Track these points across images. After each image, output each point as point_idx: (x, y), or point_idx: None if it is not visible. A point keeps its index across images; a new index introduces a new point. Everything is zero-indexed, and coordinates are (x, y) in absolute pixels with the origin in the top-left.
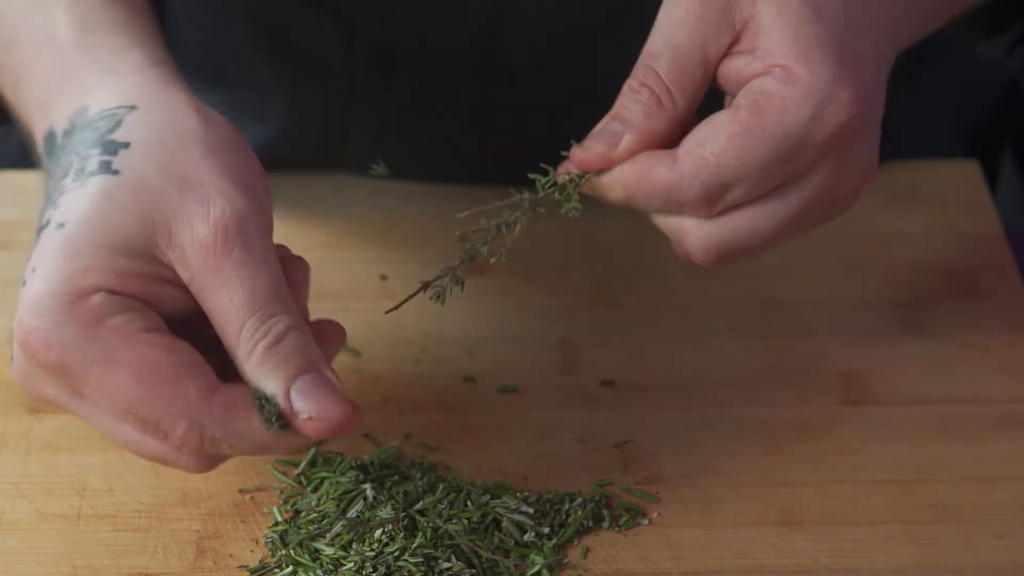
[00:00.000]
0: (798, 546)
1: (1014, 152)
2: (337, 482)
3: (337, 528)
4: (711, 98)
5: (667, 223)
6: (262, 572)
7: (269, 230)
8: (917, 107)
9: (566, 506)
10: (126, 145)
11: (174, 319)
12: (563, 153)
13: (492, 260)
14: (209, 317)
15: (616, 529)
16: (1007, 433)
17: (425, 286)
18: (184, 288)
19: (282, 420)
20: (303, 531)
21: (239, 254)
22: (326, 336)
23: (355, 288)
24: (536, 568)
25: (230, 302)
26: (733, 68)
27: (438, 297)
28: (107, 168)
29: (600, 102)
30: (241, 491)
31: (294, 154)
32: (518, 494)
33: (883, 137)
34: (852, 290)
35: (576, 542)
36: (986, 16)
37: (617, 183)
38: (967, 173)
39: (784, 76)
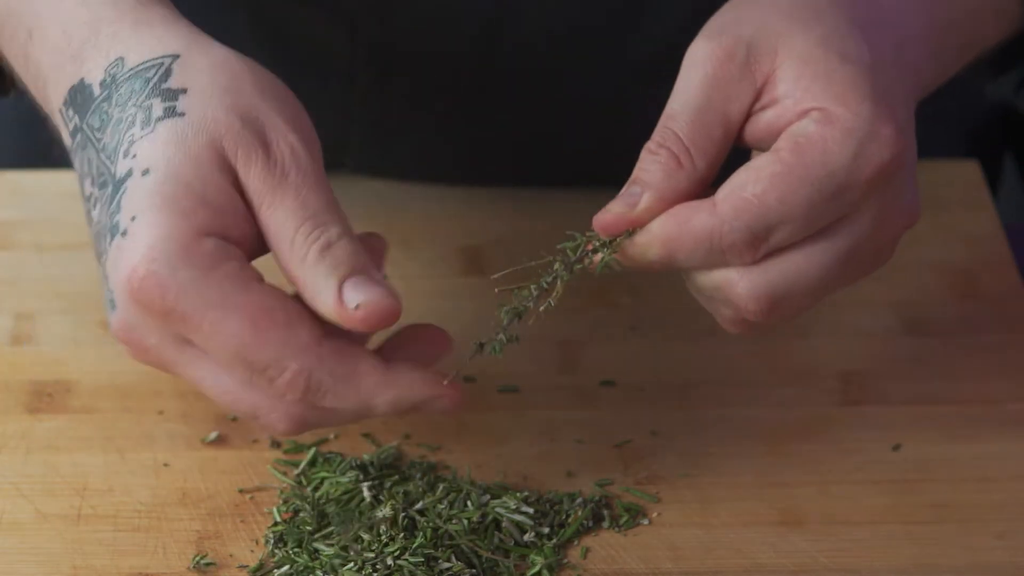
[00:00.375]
0: (798, 546)
1: (1015, 153)
2: (337, 482)
3: (337, 528)
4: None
5: (711, 279)
6: (262, 572)
7: (319, 160)
8: (918, 108)
9: (566, 506)
10: (184, 91)
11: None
12: (589, 233)
13: (538, 313)
14: (267, 239)
15: (616, 529)
16: (1007, 433)
17: (480, 347)
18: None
19: None
20: (303, 531)
21: (295, 177)
22: (373, 247)
23: None
24: (536, 568)
25: (284, 216)
26: (763, 123)
27: (494, 351)
28: (172, 112)
29: (601, 103)
30: (241, 491)
31: None
32: (518, 494)
33: None
34: (852, 290)
35: (576, 542)
36: (992, 56)
37: (655, 239)
38: (967, 173)
39: (822, 117)
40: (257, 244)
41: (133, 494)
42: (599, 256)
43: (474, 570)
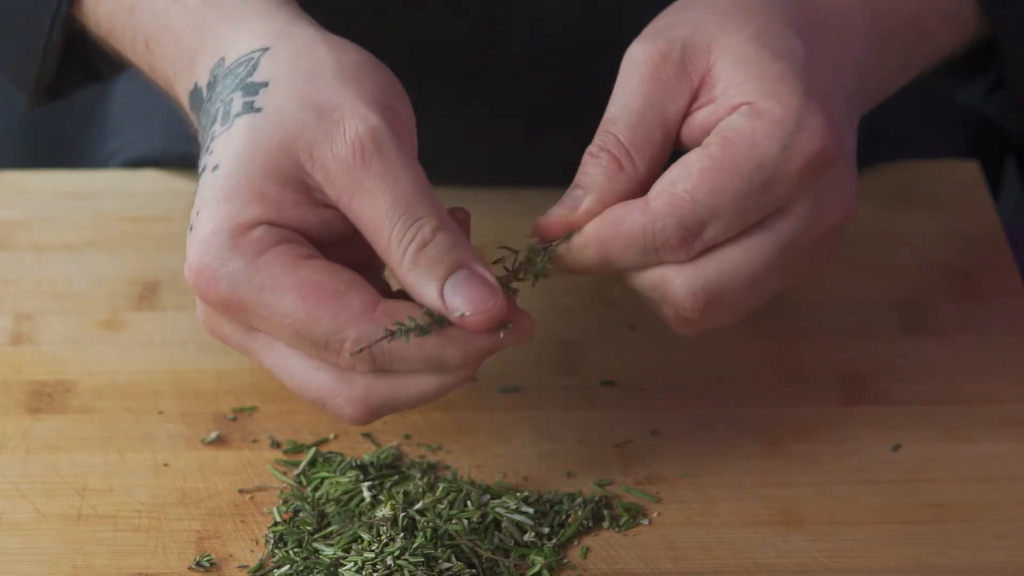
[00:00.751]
0: (798, 546)
1: (1016, 153)
2: (337, 482)
3: (337, 528)
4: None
5: (647, 278)
6: (262, 572)
7: (410, 138)
8: (918, 108)
9: (566, 506)
10: (265, 84)
11: (337, 244)
12: (528, 239)
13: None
14: (363, 233)
15: (616, 529)
16: (1007, 433)
17: None
18: (337, 209)
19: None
20: (303, 531)
21: (378, 166)
22: (460, 220)
23: None
24: (536, 568)
25: (375, 211)
26: (698, 122)
27: None
28: (250, 108)
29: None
30: (241, 491)
31: None
32: (518, 494)
33: (883, 137)
34: (852, 290)
35: (576, 542)
36: (961, 63)
37: (590, 240)
38: (967, 173)
39: (751, 111)
40: (336, 232)
41: (133, 494)
42: (539, 269)
43: (474, 570)
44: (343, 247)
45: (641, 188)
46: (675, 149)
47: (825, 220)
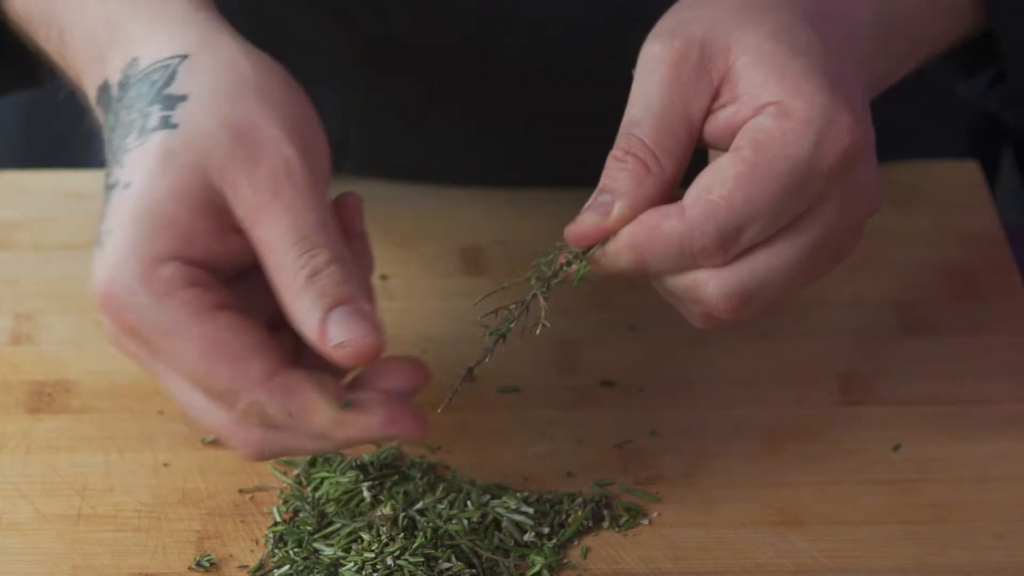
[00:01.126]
0: (798, 546)
1: (1014, 152)
2: (337, 482)
3: (337, 528)
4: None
5: (681, 281)
6: (262, 572)
7: (321, 171)
8: (917, 107)
9: (566, 506)
10: (183, 98)
11: (246, 273)
12: (557, 244)
13: (529, 333)
14: (259, 255)
15: (616, 529)
16: (1007, 433)
17: (469, 372)
18: (244, 235)
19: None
20: (303, 531)
21: (287, 195)
22: (348, 204)
23: None
24: (536, 568)
25: (275, 235)
26: (721, 121)
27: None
28: (166, 123)
29: (602, 99)
30: (241, 491)
31: None
32: (518, 494)
33: (883, 137)
34: (852, 290)
35: (576, 542)
36: (962, 56)
37: (626, 247)
38: (967, 173)
39: (779, 111)
40: (243, 260)
41: (133, 494)
42: (574, 268)
43: (474, 570)
44: (258, 291)
45: (668, 189)
46: (698, 147)
47: (853, 215)
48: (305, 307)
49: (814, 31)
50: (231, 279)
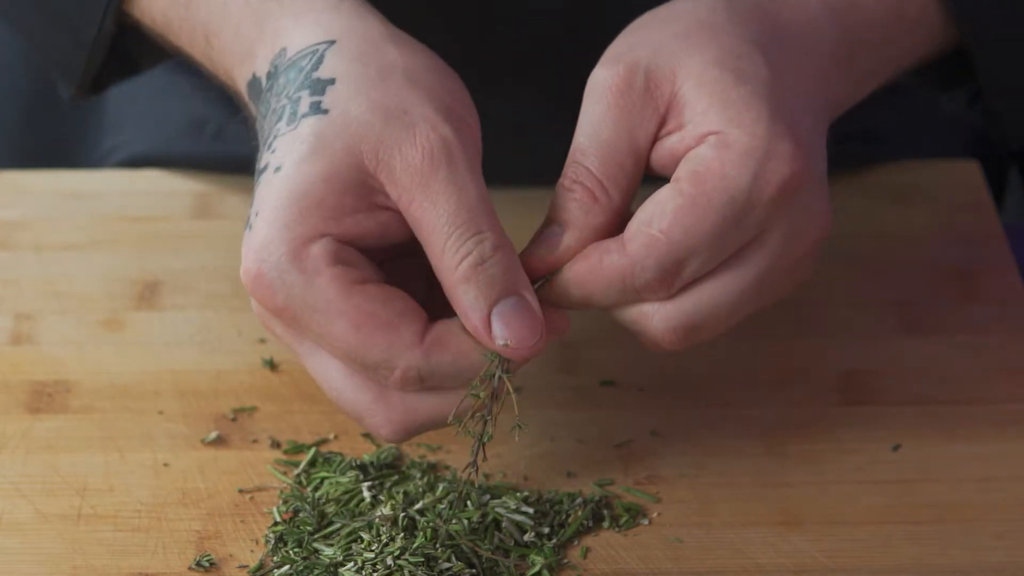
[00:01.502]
0: (798, 546)
1: (1018, 154)
2: (337, 482)
3: (337, 528)
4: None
5: (628, 314)
6: (262, 572)
7: (476, 152)
8: (919, 109)
9: (566, 506)
10: (332, 81)
11: (398, 250)
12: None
13: (512, 429)
14: (417, 234)
15: (616, 529)
16: (1007, 433)
17: (461, 481)
18: (399, 213)
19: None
20: (303, 531)
21: (446, 172)
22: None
23: None
24: (536, 568)
25: (436, 215)
26: (666, 149)
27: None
28: (317, 108)
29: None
30: (241, 491)
31: None
32: (518, 494)
33: (883, 137)
34: (852, 290)
35: (576, 542)
36: (938, 72)
37: (570, 283)
38: (967, 173)
39: (719, 142)
40: (397, 238)
41: (133, 494)
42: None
43: (474, 570)
44: (408, 272)
45: (616, 217)
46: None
47: (801, 244)
48: (471, 298)
49: (763, 55)
50: (383, 262)
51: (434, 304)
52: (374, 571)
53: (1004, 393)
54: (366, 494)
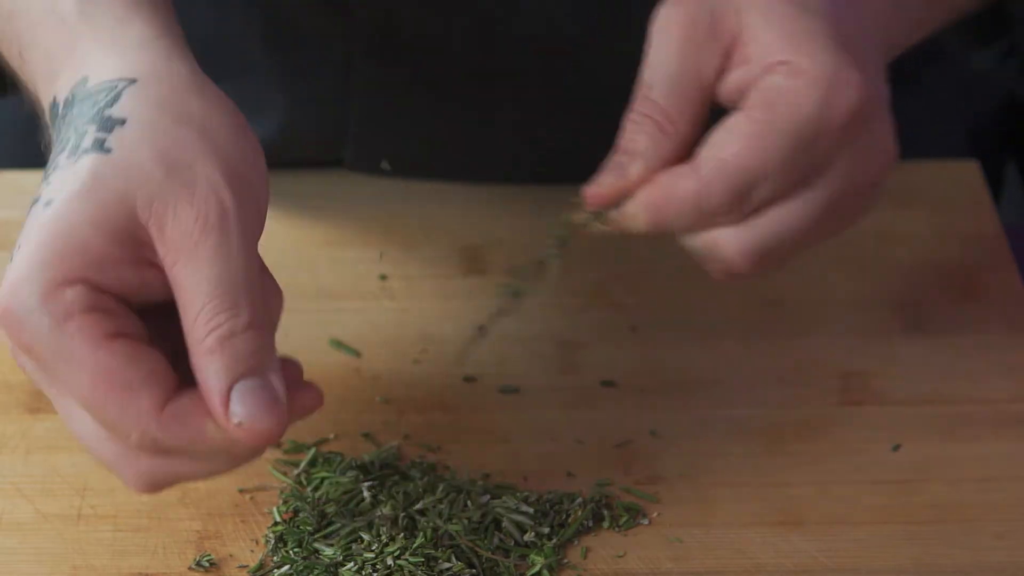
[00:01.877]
0: (798, 546)
1: (1018, 154)
2: (337, 482)
3: (337, 528)
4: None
5: (700, 240)
6: (262, 572)
7: (256, 221)
8: (919, 109)
9: (566, 506)
10: (122, 122)
11: (160, 305)
12: (572, 200)
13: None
14: (176, 297)
15: (616, 529)
16: (1007, 433)
17: (481, 329)
18: (163, 270)
19: None
20: (303, 531)
21: (216, 239)
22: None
23: (355, 288)
24: (536, 568)
25: (196, 281)
26: (733, 82)
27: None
28: (100, 146)
29: (605, 93)
30: (241, 491)
31: (294, 151)
32: (518, 494)
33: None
34: (852, 290)
35: (576, 542)
36: (977, 26)
37: (643, 208)
38: (967, 173)
39: (788, 71)
40: (158, 294)
41: (133, 494)
42: (591, 228)
43: (474, 570)
44: (169, 319)
45: (685, 149)
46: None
47: (867, 173)
48: (212, 371)
49: None
50: (144, 307)
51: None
52: (374, 571)
53: (1004, 393)
54: (366, 494)
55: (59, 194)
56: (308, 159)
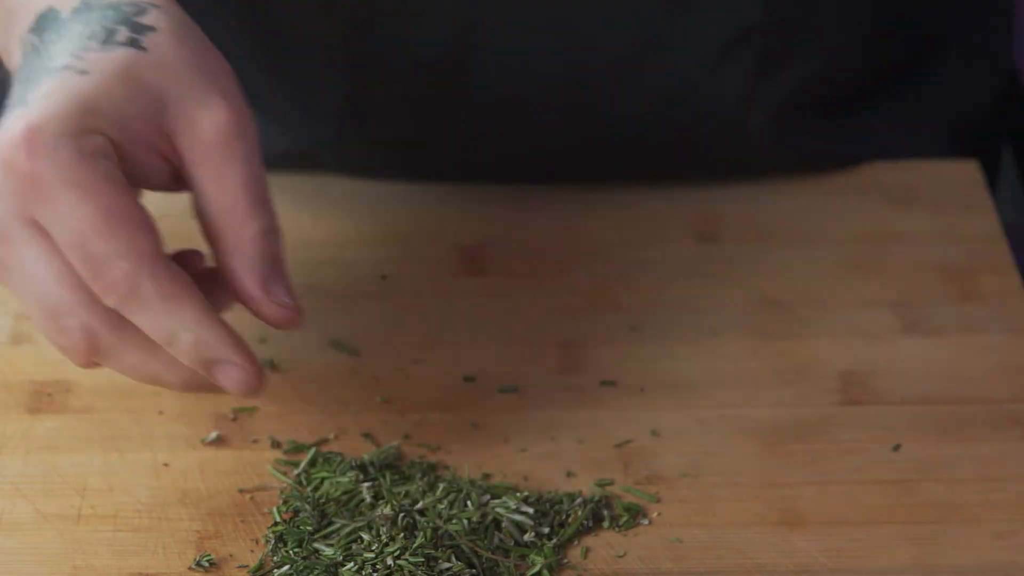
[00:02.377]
0: (798, 546)
1: (1013, 151)
2: (337, 482)
3: (337, 528)
4: None
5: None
6: (262, 572)
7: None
8: (915, 108)
9: (566, 506)
10: (153, 28)
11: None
12: None
13: None
14: (202, 190)
15: (616, 529)
16: (1007, 433)
17: None
18: (168, 165)
19: None
20: (303, 531)
21: (250, 143)
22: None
23: (355, 288)
24: (536, 568)
25: (233, 175)
26: None
27: None
28: (136, 44)
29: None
30: (241, 491)
31: (292, 155)
32: (518, 494)
33: (879, 137)
34: (852, 290)
35: (576, 542)
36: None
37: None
38: (967, 173)
39: None
40: (145, 185)
41: (133, 494)
42: None
43: (474, 570)
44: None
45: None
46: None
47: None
48: (257, 256)
49: None
50: None
51: None
52: (374, 571)
53: (1004, 393)
54: (366, 494)
55: (99, 71)
56: (307, 162)
